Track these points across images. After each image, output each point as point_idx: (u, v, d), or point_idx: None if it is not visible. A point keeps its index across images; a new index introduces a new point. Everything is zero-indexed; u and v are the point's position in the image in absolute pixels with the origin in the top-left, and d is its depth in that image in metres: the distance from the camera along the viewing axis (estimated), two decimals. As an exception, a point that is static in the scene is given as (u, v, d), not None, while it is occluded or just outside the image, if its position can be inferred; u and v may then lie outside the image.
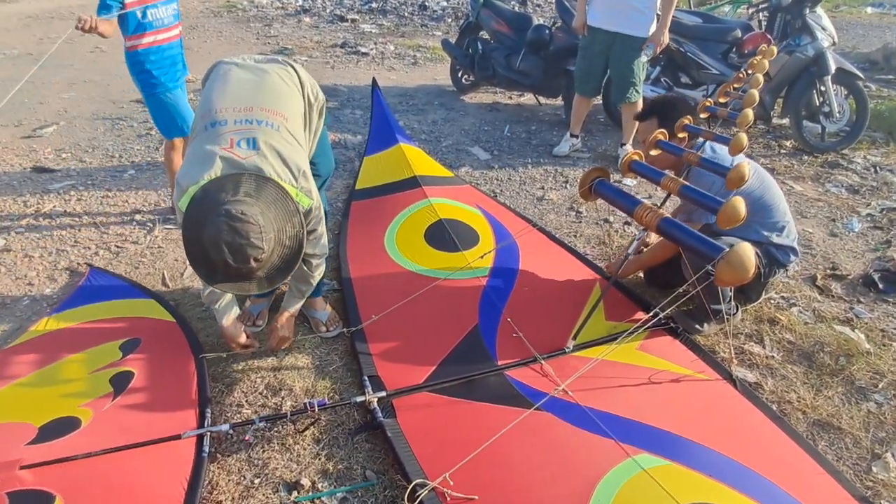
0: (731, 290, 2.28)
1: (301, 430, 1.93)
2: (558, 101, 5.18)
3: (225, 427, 1.85)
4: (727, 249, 1.73)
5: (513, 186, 3.83)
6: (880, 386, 2.16)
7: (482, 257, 2.62)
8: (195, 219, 1.63)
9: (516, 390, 1.98)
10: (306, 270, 2.06)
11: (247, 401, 2.07)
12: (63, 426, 1.85)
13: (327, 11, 9.25)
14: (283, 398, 2.08)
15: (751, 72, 2.51)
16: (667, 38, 3.73)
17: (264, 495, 1.74)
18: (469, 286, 2.50)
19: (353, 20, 8.71)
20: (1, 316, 2.52)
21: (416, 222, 2.91)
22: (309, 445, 1.90)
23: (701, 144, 2.37)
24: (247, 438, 1.90)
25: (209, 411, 1.92)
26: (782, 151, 4.38)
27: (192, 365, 2.11)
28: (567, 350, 2.14)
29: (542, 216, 3.41)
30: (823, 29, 4.18)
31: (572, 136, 4.32)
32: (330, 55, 7.04)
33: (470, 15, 5.40)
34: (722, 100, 2.54)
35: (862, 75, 4.24)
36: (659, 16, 3.67)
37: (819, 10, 4.29)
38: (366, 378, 2.04)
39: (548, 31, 4.76)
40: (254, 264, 1.62)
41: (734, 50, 4.44)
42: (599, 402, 1.91)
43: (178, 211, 1.76)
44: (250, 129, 1.79)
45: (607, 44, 3.78)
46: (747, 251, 1.72)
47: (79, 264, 2.88)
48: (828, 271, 2.86)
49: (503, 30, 5.01)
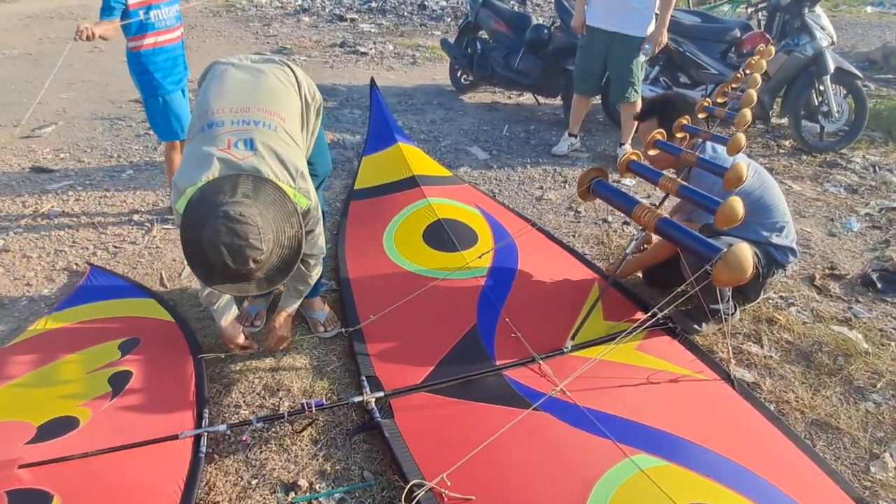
0: (729, 290, 2.27)
1: (299, 431, 1.93)
2: (557, 101, 5.18)
3: (222, 427, 1.86)
4: (725, 250, 1.73)
5: (511, 186, 3.83)
6: (878, 386, 2.16)
7: (480, 257, 2.62)
8: (193, 220, 1.63)
9: (514, 390, 1.98)
10: (304, 270, 2.06)
11: (244, 401, 2.07)
12: (61, 425, 1.85)
13: (326, 11, 9.24)
14: (280, 398, 2.08)
15: (749, 72, 2.51)
16: (665, 37, 3.73)
17: (261, 496, 1.74)
18: (467, 286, 2.50)
19: (352, 20, 8.70)
20: (-1, 316, 2.52)
21: (415, 222, 2.91)
22: (306, 446, 1.90)
23: (700, 144, 2.37)
24: (244, 439, 1.90)
25: (207, 411, 1.92)
26: (781, 151, 4.38)
27: (191, 365, 2.11)
28: (565, 350, 2.14)
29: (541, 216, 3.41)
30: (822, 28, 4.18)
31: (571, 135, 4.32)
32: (329, 55, 7.04)
33: (469, 14, 5.40)
34: (720, 100, 2.54)
35: (861, 75, 4.23)
36: (657, 15, 3.67)
37: (818, 10, 4.29)
38: (364, 378, 2.04)
39: (546, 31, 4.76)
40: (253, 265, 1.62)
41: (733, 49, 4.44)
42: (597, 403, 1.91)
43: (175, 212, 1.76)
44: (247, 130, 1.78)
45: (606, 43, 3.78)
46: (745, 252, 1.72)
47: (77, 264, 2.88)
48: (826, 271, 2.86)
49: (502, 29, 5.01)
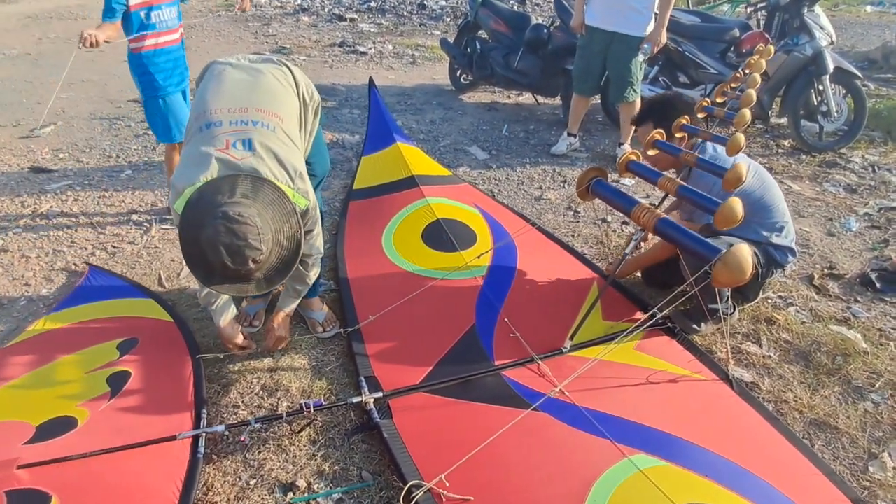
0: (728, 290, 2.27)
1: (297, 431, 1.93)
2: (556, 101, 5.17)
3: (220, 428, 1.85)
4: (724, 251, 1.72)
5: (511, 186, 3.82)
6: (877, 385, 2.16)
7: (479, 257, 2.61)
8: (192, 221, 1.63)
9: (513, 391, 1.98)
10: (302, 271, 2.05)
11: (243, 401, 2.07)
12: (60, 426, 1.85)
13: (326, 10, 9.24)
14: (279, 399, 2.08)
15: (748, 71, 2.51)
16: (664, 37, 3.73)
17: (260, 496, 1.74)
18: (466, 286, 2.50)
19: (351, 19, 8.70)
20: (-2, 316, 2.52)
21: (414, 222, 2.91)
22: (305, 446, 1.90)
23: (700, 144, 2.37)
24: (242, 439, 1.90)
25: (205, 412, 1.92)
26: (780, 151, 4.38)
27: (189, 365, 2.11)
28: (564, 350, 2.14)
29: (540, 216, 3.41)
30: (822, 28, 4.18)
31: (570, 135, 4.31)
32: (328, 54, 7.03)
33: (468, 14, 5.40)
34: (719, 99, 2.54)
35: (860, 74, 4.23)
36: (657, 15, 3.67)
37: (817, 9, 4.29)
38: (362, 379, 2.04)
39: (546, 31, 4.76)
40: (252, 265, 1.62)
41: (732, 49, 4.43)
42: (596, 403, 1.91)
43: (173, 213, 1.76)
44: (245, 130, 1.78)
45: (605, 43, 3.78)
46: (745, 253, 1.72)
47: (76, 265, 2.88)
48: (825, 271, 2.86)
49: (501, 29, 5.01)
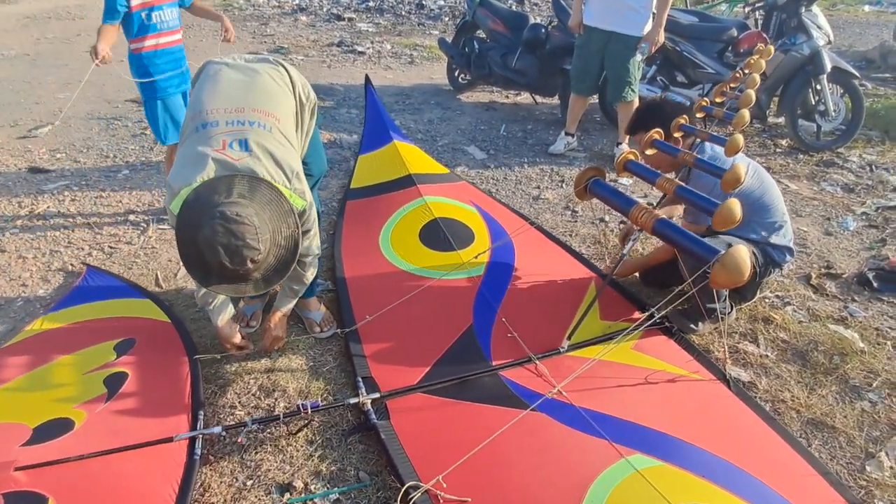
0: (726, 290, 2.27)
1: (294, 432, 1.93)
2: (554, 100, 5.17)
3: (217, 429, 1.85)
4: (722, 252, 1.72)
5: (509, 186, 3.82)
6: (874, 385, 2.16)
7: (477, 257, 2.61)
8: (189, 221, 1.62)
9: (511, 391, 1.98)
10: (299, 271, 2.05)
11: (240, 402, 2.07)
12: (57, 427, 1.84)
13: (324, 10, 9.23)
14: (276, 399, 2.08)
15: (747, 71, 2.50)
16: (662, 37, 3.73)
17: (257, 497, 1.74)
18: (464, 286, 2.50)
19: (349, 19, 8.69)
20: (-6, 317, 2.51)
21: (411, 221, 2.91)
22: (302, 447, 1.89)
23: (699, 145, 2.36)
24: (239, 440, 1.90)
25: (202, 413, 1.91)
26: (778, 150, 4.38)
27: (187, 366, 2.11)
28: (562, 350, 2.14)
29: (538, 215, 3.40)
30: (819, 27, 4.19)
31: (568, 134, 4.31)
32: (326, 54, 7.02)
33: (466, 14, 5.40)
34: (718, 99, 2.54)
35: (858, 74, 4.24)
36: (654, 15, 3.66)
37: (815, 9, 4.30)
38: (360, 379, 2.03)
39: (544, 30, 4.76)
40: (250, 265, 1.62)
41: (730, 49, 4.44)
42: (594, 403, 1.91)
43: (169, 213, 1.75)
44: (242, 131, 1.77)
45: (603, 43, 3.78)
46: (743, 254, 1.72)
47: (73, 265, 2.87)
48: (822, 270, 2.86)
49: (499, 29, 5.01)
